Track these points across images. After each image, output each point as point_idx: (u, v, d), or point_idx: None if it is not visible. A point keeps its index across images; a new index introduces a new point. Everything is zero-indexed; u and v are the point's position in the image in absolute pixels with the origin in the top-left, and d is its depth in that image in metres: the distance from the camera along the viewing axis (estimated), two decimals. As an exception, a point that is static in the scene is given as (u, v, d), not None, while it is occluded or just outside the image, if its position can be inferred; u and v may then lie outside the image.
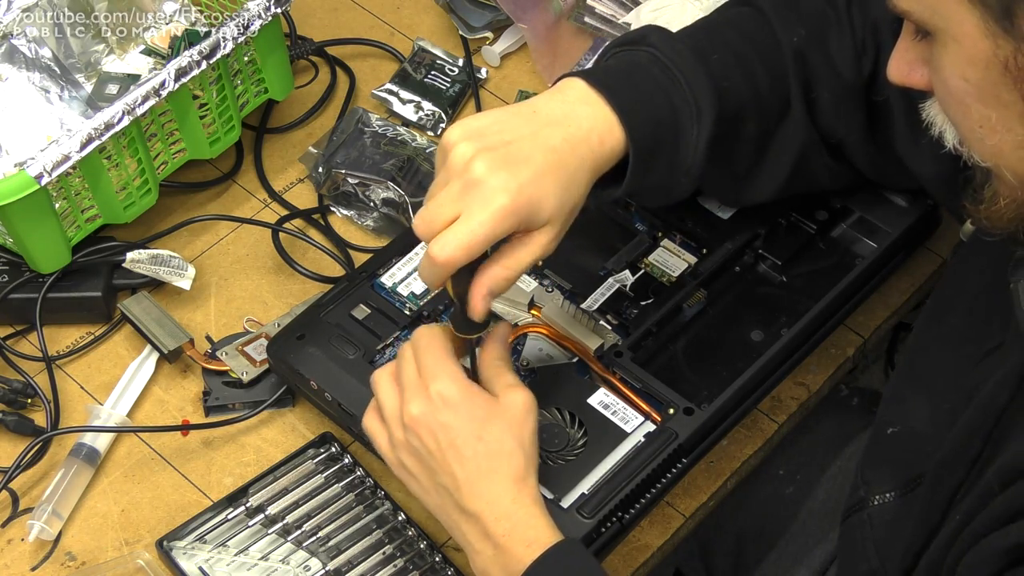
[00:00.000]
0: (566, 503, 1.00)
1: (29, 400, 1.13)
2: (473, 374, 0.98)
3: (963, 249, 1.00)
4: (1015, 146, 0.77)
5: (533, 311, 1.11)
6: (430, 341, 0.96)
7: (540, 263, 1.12)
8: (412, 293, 1.13)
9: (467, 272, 0.92)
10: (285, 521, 1.05)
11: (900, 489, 0.95)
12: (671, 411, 1.04)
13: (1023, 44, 0.72)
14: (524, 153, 0.91)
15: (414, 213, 1.22)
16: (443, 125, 1.32)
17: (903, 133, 1.02)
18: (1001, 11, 0.72)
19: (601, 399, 1.05)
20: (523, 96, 1.34)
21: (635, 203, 1.16)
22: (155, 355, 1.16)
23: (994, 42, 0.73)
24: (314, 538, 1.04)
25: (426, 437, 0.93)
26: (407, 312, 1.12)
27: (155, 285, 1.19)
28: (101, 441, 1.11)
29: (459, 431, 0.93)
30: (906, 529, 0.91)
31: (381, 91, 1.34)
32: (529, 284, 1.12)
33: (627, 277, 1.12)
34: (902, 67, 0.82)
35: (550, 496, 0.99)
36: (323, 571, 1.02)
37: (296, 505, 1.06)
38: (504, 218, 0.89)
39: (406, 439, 0.95)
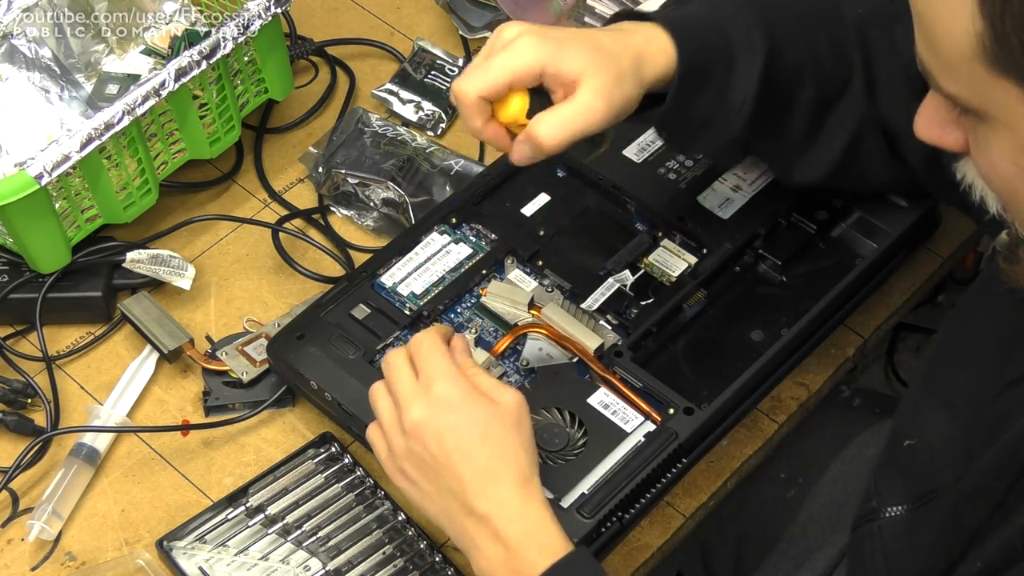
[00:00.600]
0: (566, 503, 1.00)
1: (29, 400, 1.13)
2: None
3: (995, 262, 0.98)
4: None
5: (533, 311, 1.10)
6: (429, 345, 0.95)
7: (535, 262, 1.12)
8: (412, 293, 1.13)
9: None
10: (285, 521, 1.05)
11: (912, 503, 0.93)
12: (671, 411, 1.04)
13: None
14: (563, 30, 0.96)
15: (414, 213, 1.23)
16: (443, 125, 1.32)
17: None
18: None
19: (601, 399, 1.05)
20: (523, 96, 1.33)
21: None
22: (155, 355, 1.16)
23: None
24: (314, 538, 1.04)
25: (430, 441, 0.93)
26: (407, 312, 1.12)
27: (155, 285, 1.19)
28: (101, 441, 1.11)
29: (465, 433, 0.92)
30: (919, 550, 0.90)
31: (381, 91, 1.34)
32: (529, 284, 1.12)
33: (627, 277, 1.12)
34: (932, 128, 0.76)
35: (550, 496, 0.99)
36: (323, 571, 1.02)
37: (296, 505, 1.06)
38: (526, 49, 0.92)
39: (407, 446, 0.94)
